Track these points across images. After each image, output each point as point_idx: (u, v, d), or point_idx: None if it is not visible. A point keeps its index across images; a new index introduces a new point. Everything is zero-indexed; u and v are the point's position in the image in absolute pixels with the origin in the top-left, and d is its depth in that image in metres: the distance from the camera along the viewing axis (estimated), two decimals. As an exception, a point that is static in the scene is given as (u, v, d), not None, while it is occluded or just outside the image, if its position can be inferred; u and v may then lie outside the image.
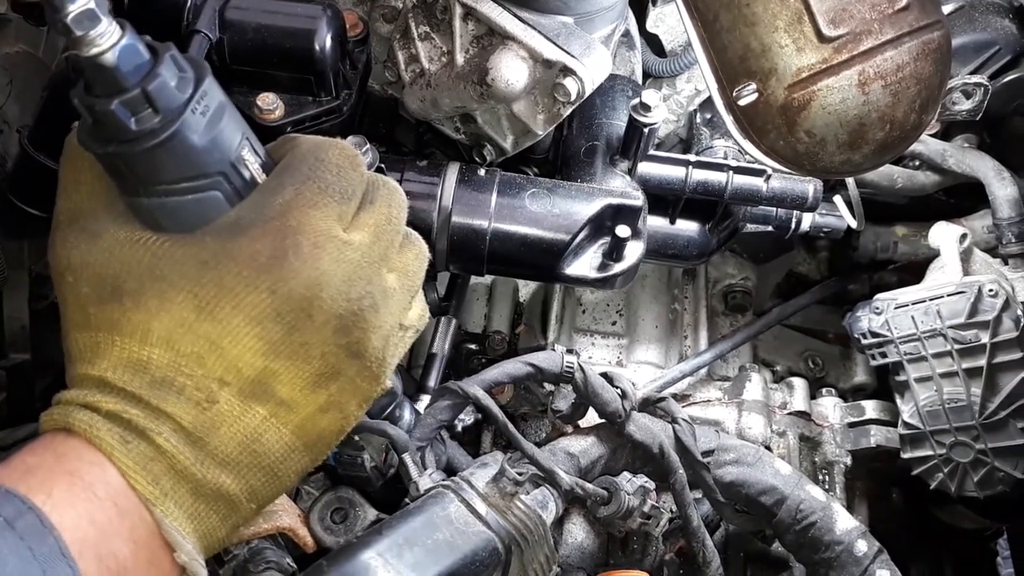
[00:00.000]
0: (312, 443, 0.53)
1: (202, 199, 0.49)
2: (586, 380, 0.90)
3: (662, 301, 1.24)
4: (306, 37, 0.80)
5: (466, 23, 0.85)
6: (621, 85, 1.02)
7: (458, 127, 0.96)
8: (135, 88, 0.45)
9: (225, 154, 0.49)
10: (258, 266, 0.49)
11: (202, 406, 0.49)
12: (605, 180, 0.95)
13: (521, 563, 0.77)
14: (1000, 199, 1.07)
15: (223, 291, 0.49)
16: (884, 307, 1.08)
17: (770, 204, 0.99)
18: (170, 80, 0.46)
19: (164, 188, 0.48)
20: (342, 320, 0.52)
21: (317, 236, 0.51)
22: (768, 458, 0.96)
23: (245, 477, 0.50)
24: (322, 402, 0.52)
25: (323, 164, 0.54)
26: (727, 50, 0.75)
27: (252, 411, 0.50)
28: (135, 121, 0.45)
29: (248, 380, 0.50)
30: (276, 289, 0.49)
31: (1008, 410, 1.03)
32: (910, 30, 0.72)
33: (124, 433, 0.47)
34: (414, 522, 0.72)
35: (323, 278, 0.51)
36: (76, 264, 0.50)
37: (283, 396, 0.51)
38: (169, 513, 0.48)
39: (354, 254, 0.53)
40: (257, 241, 0.50)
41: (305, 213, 0.51)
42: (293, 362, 0.51)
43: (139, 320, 0.49)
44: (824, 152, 0.76)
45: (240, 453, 0.50)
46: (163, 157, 0.47)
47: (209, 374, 0.49)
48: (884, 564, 0.89)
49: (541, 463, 0.84)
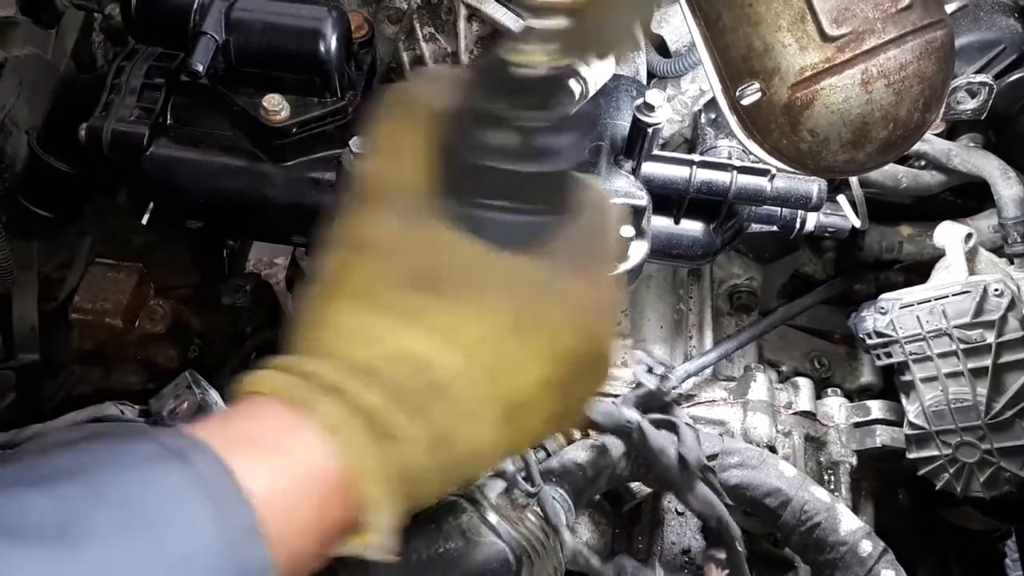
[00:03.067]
0: (501, 460, 0.54)
1: (544, 222, 0.48)
2: (644, 442, 0.86)
3: (667, 301, 1.24)
4: (311, 39, 0.81)
5: (470, 24, 0.86)
6: (625, 85, 1.02)
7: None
8: (565, 107, 0.45)
9: (574, 179, 0.50)
10: (580, 309, 0.49)
11: (466, 417, 0.46)
12: (609, 180, 0.95)
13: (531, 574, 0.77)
14: (1006, 198, 1.07)
15: (544, 320, 0.48)
16: (889, 307, 1.07)
17: (774, 204, 0.99)
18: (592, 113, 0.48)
19: (517, 206, 0.47)
20: (605, 374, 0.52)
21: (614, 299, 0.53)
22: (772, 460, 0.96)
23: (451, 481, 0.49)
24: (544, 434, 0.54)
25: (610, 217, 0.54)
26: (730, 50, 0.76)
27: (500, 431, 0.48)
28: (555, 143, 0.45)
29: (516, 405, 0.48)
30: (590, 338, 0.49)
31: (1014, 410, 1.03)
32: (913, 29, 0.72)
33: (373, 435, 0.43)
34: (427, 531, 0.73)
35: (612, 335, 0.52)
36: (386, 241, 0.47)
37: (528, 424, 0.49)
38: (381, 517, 0.44)
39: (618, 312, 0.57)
40: (580, 284, 0.49)
41: (608, 266, 0.52)
42: (556, 402, 0.50)
43: (446, 320, 0.46)
44: (827, 151, 0.76)
45: (463, 464, 0.48)
46: (548, 183, 0.47)
47: (491, 391, 0.46)
48: (889, 564, 0.88)
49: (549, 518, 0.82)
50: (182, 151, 0.86)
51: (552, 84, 0.44)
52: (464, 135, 0.46)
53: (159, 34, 0.84)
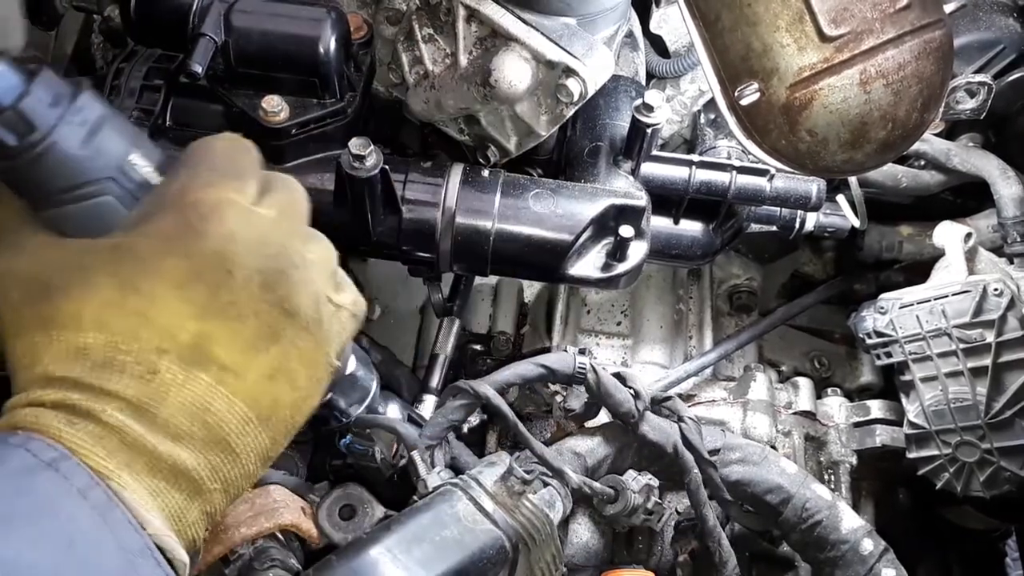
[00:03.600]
0: (266, 415, 0.53)
1: (98, 204, 0.53)
2: (599, 381, 0.90)
3: (667, 301, 1.24)
4: (310, 40, 0.81)
5: (469, 25, 0.86)
6: (624, 86, 1.02)
7: (462, 128, 0.96)
8: (9, 108, 0.49)
9: (110, 160, 0.53)
10: (168, 236, 0.52)
11: (145, 379, 0.49)
12: (609, 181, 0.95)
13: (528, 561, 0.77)
14: (1005, 198, 1.07)
15: (140, 265, 0.51)
16: (889, 307, 1.08)
17: (774, 204, 0.99)
18: (44, 98, 0.50)
19: (59, 198, 0.52)
20: (264, 275, 0.53)
21: (218, 203, 0.53)
22: (774, 457, 0.96)
23: (202, 451, 0.50)
24: (266, 367, 0.53)
25: (211, 151, 0.57)
26: (729, 50, 0.76)
27: (196, 378, 0.50)
28: (15, 138, 0.49)
29: (186, 345, 0.50)
30: (190, 252, 0.51)
31: (1014, 409, 1.03)
32: (911, 29, 0.72)
33: (70, 417, 0.48)
34: (422, 519, 0.73)
35: (235, 235, 0.52)
36: (3, 272, 0.52)
37: (224, 360, 0.51)
38: (127, 486, 0.47)
39: (261, 221, 0.54)
40: (162, 220, 0.52)
41: (201, 190, 0.53)
42: (226, 322, 0.51)
43: (70, 310, 0.50)
44: (826, 151, 0.76)
45: (191, 424, 0.50)
46: (47, 168, 0.51)
47: (146, 346, 0.49)
48: (890, 563, 0.89)
49: (550, 462, 0.85)
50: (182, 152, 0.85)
51: None
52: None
53: (158, 36, 0.84)
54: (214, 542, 0.70)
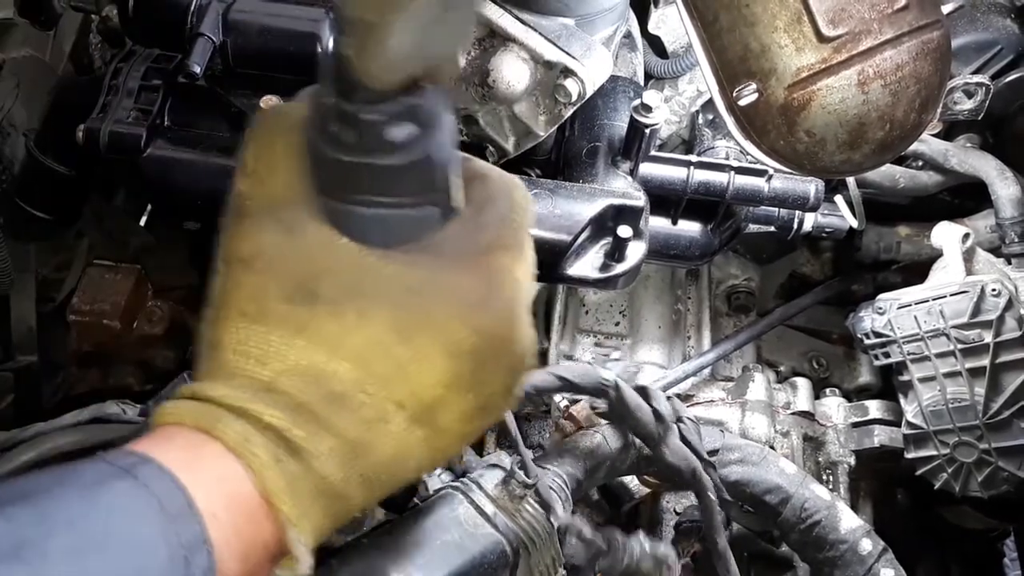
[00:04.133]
0: (440, 454, 0.52)
1: (421, 216, 0.48)
2: (621, 398, 0.88)
3: (665, 302, 1.24)
4: (309, 40, 0.81)
5: (468, 25, 0.86)
6: (623, 86, 1.02)
7: (461, 129, 0.96)
8: (399, 98, 0.43)
9: (448, 173, 0.48)
10: (467, 302, 0.49)
11: (372, 425, 0.46)
12: (607, 181, 0.95)
13: (528, 565, 0.77)
14: (1003, 199, 1.07)
15: (427, 319, 0.48)
16: (887, 307, 1.08)
17: (772, 204, 0.99)
18: (436, 98, 0.45)
19: (391, 201, 0.47)
20: (518, 362, 0.51)
21: (515, 281, 0.51)
22: (773, 457, 0.96)
23: (375, 492, 0.48)
24: (468, 432, 0.52)
25: (515, 205, 0.53)
26: (727, 51, 0.76)
27: (413, 434, 0.48)
28: (395, 134, 0.44)
29: (424, 406, 0.48)
30: (480, 329, 0.49)
31: (1012, 410, 1.03)
32: (909, 30, 0.72)
33: (277, 452, 0.44)
34: (423, 523, 0.73)
35: (518, 323, 0.50)
36: (267, 254, 0.47)
37: (444, 424, 0.49)
38: (304, 531, 0.44)
39: (527, 308, 0.52)
40: (464, 277, 0.49)
41: (505, 255, 0.51)
42: (466, 396, 0.49)
43: (331, 330, 0.46)
44: (824, 152, 0.76)
45: (384, 472, 0.48)
46: (408, 173, 0.46)
47: (391, 396, 0.47)
48: (889, 563, 0.88)
49: (542, 495, 0.82)
50: (180, 152, 0.85)
51: None
52: (318, 133, 0.46)
53: (156, 36, 0.84)
54: None
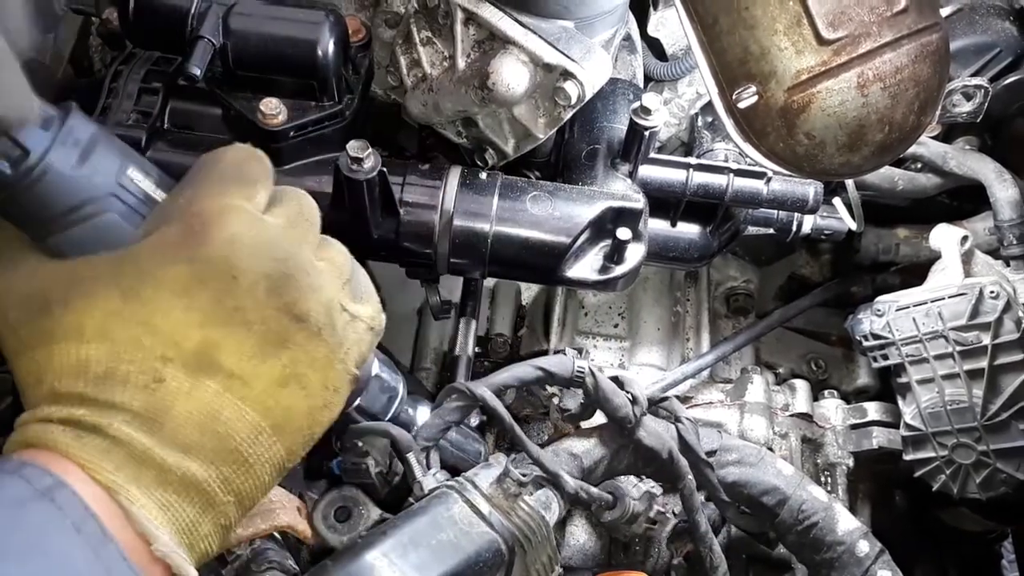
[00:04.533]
0: (280, 424, 0.52)
1: (101, 222, 0.52)
2: (596, 385, 0.90)
3: (664, 304, 1.24)
4: (309, 43, 0.81)
5: (467, 28, 0.86)
6: (622, 89, 1.02)
7: (460, 131, 0.96)
8: (1, 135, 0.48)
9: (108, 177, 0.52)
10: (170, 244, 0.51)
11: (150, 388, 0.48)
12: (606, 183, 0.95)
13: (524, 564, 0.77)
14: (1001, 201, 1.07)
15: (143, 273, 0.50)
16: (885, 309, 1.08)
17: (771, 207, 1.00)
18: (34, 123, 0.49)
19: (61, 221, 0.52)
20: (270, 280, 0.51)
21: (223, 209, 0.52)
22: (770, 459, 0.96)
23: (213, 463, 0.49)
24: (277, 374, 0.51)
25: (219, 162, 0.56)
26: (726, 53, 0.76)
27: (203, 385, 0.49)
28: (9, 166, 0.49)
29: (191, 353, 0.49)
30: (192, 258, 0.50)
31: (1010, 411, 1.03)
32: (908, 32, 0.73)
33: (77, 432, 0.47)
34: (418, 522, 0.73)
35: (239, 240, 0.51)
36: (1, 293, 0.51)
37: (231, 367, 0.50)
38: (136, 500, 0.46)
39: (268, 227, 0.53)
40: (165, 230, 0.51)
41: (207, 199, 0.52)
42: (231, 329, 0.50)
43: (71, 322, 0.49)
44: (824, 154, 0.76)
45: (201, 434, 0.49)
46: (46, 192, 0.50)
47: (149, 354, 0.48)
48: (886, 565, 0.89)
49: (546, 466, 0.85)
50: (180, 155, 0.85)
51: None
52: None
53: (156, 39, 0.84)
54: None
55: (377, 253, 0.92)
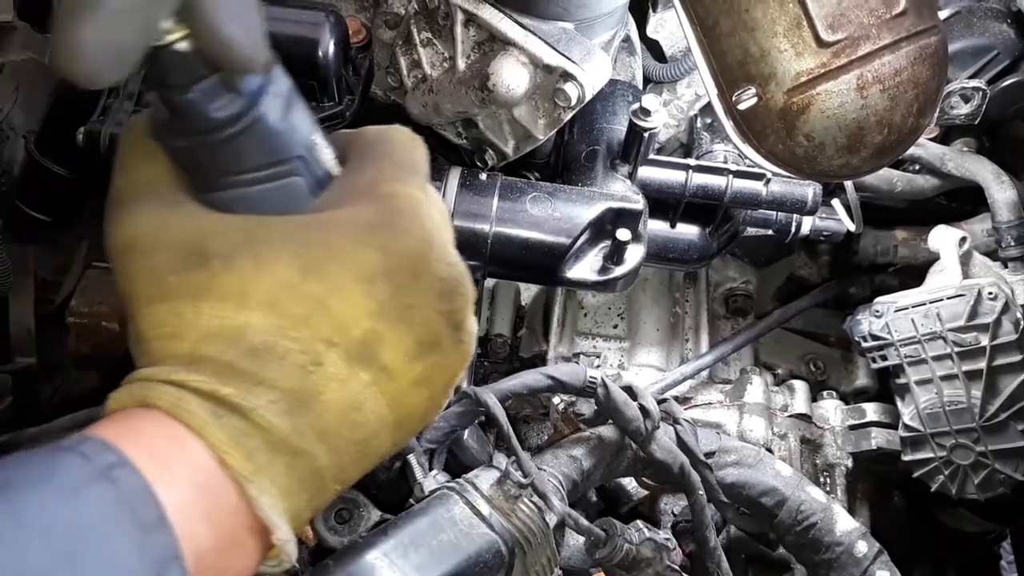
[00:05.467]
0: (401, 421, 0.51)
1: (285, 185, 0.48)
2: (608, 396, 0.89)
3: (663, 304, 1.25)
4: (309, 44, 0.82)
5: (467, 29, 0.86)
6: (622, 90, 1.03)
7: (460, 132, 0.97)
8: (212, 74, 0.44)
9: (302, 137, 0.48)
10: (368, 226, 0.48)
11: (307, 370, 0.45)
12: (606, 184, 0.95)
13: (524, 565, 0.77)
14: (999, 203, 1.08)
15: (331, 250, 0.47)
16: (884, 310, 1.08)
17: (770, 208, 1.00)
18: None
19: (248, 177, 0.47)
20: (445, 284, 0.51)
21: (416, 203, 0.51)
22: (769, 460, 0.96)
23: (338, 451, 0.47)
24: (418, 374, 0.50)
25: (394, 144, 0.54)
26: (726, 55, 0.76)
27: (356, 376, 0.47)
28: (216, 108, 0.44)
29: (356, 341, 0.47)
30: (387, 247, 0.48)
31: (1008, 412, 1.04)
32: (907, 35, 0.73)
33: (216, 409, 0.43)
34: (419, 523, 0.73)
35: (430, 238, 0.50)
36: (149, 233, 0.47)
37: (386, 362, 0.48)
38: (265, 490, 0.44)
39: (446, 228, 0.53)
40: (360, 209, 0.49)
41: (392, 185, 0.51)
42: (398, 325, 0.49)
43: (232, 284, 0.45)
44: (823, 156, 0.77)
45: (339, 423, 0.47)
46: (247, 143, 0.46)
47: (316, 335, 0.46)
48: (884, 565, 0.89)
49: (537, 487, 0.83)
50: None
51: (190, 56, 0.43)
52: (159, 128, 0.47)
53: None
54: None
55: (377, 254, 0.92)
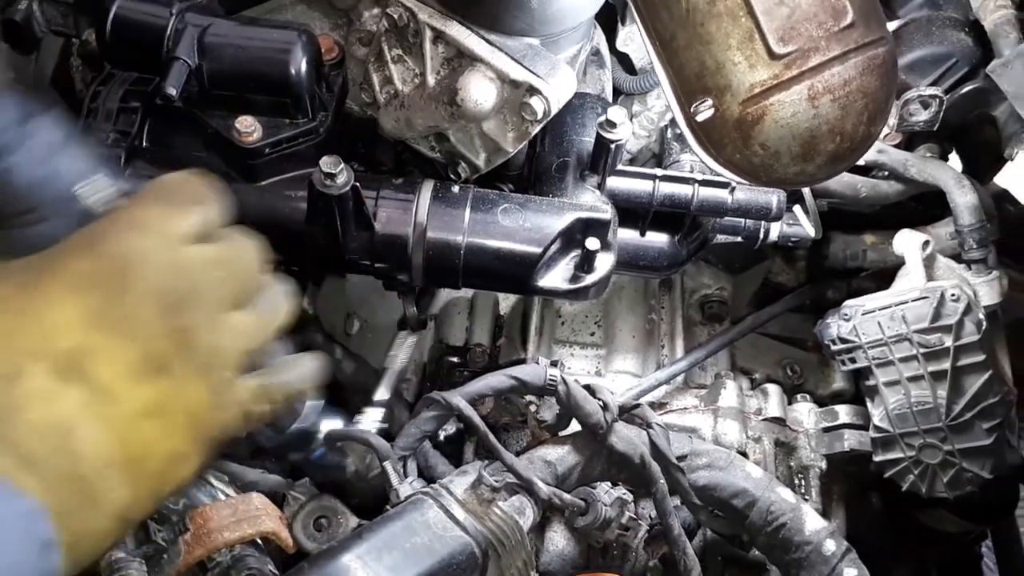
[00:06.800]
0: (134, 460, 0.46)
1: (43, 230, 0.53)
2: (568, 392, 0.92)
3: (639, 312, 1.27)
4: (282, 62, 0.84)
5: (436, 46, 0.89)
6: (591, 103, 1.05)
7: (433, 146, 0.99)
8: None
9: (63, 187, 0.53)
10: (80, 241, 0.49)
11: (8, 380, 0.43)
12: (576, 195, 0.98)
13: (499, 567, 0.79)
14: (961, 206, 1.10)
15: (46, 264, 0.48)
16: (852, 313, 1.10)
17: (736, 215, 1.02)
18: (5, 116, 0.50)
19: (11, 221, 0.52)
20: (165, 298, 0.49)
21: (141, 220, 0.51)
22: (739, 462, 0.99)
23: (53, 488, 0.42)
24: (147, 400, 0.47)
25: (162, 183, 0.55)
26: (684, 68, 0.79)
27: (65, 394, 0.44)
28: None
29: (63, 354, 0.45)
30: (95, 253, 0.48)
31: (973, 411, 1.06)
32: (855, 46, 0.76)
33: None
34: (393, 526, 0.75)
35: (144, 249, 0.49)
36: None
37: (102, 379, 0.46)
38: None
39: (183, 252, 0.51)
40: (82, 231, 0.50)
41: (132, 211, 0.52)
42: (114, 338, 0.46)
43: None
44: (779, 164, 0.79)
45: (46, 449, 0.43)
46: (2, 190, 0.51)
47: (21, 346, 0.44)
48: (852, 563, 0.91)
49: (520, 473, 0.86)
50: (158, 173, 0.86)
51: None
52: None
53: (133, 59, 0.86)
54: (196, 545, 0.71)
55: (353, 267, 0.94)
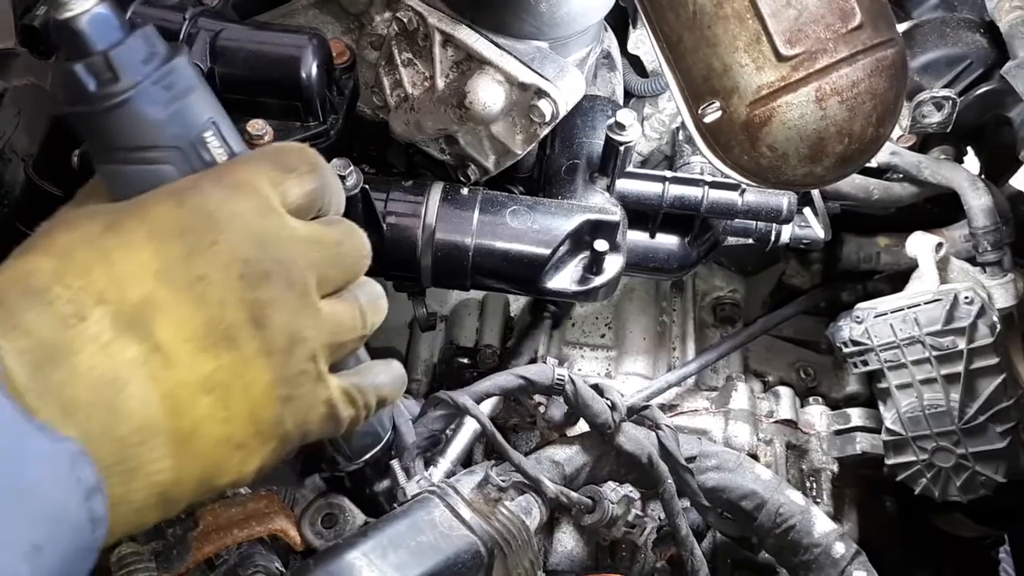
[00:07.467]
0: (181, 438, 0.43)
1: (154, 171, 0.50)
2: (576, 392, 0.93)
3: (650, 314, 1.27)
4: (293, 66, 0.85)
5: (445, 49, 0.89)
6: (601, 105, 1.05)
7: (443, 148, 1.00)
8: (99, 53, 0.47)
9: (185, 132, 0.50)
10: (174, 190, 0.47)
11: (68, 322, 0.41)
12: (585, 197, 0.98)
13: (505, 567, 0.79)
14: (975, 209, 1.09)
15: (135, 208, 0.46)
16: (864, 316, 1.10)
17: (746, 217, 1.02)
18: (136, 52, 0.48)
19: (121, 155, 0.49)
20: (249, 267, 0.45)
21: (243, 179, 0.48)
22: (749, 464, 0.98)
23: (92, 441, 0.40)
24: (205, 373, 0.43)
25: (279, 146, 0.53)
26: (691, 70, 0.79)
27: (122, 346, 0.42)
28: (96, 84, 0.47)
29: (129, 304, 0.42)
30: (183, 203, 0.46)
31: (987, 415, 1.05)
32: (864, 48, 0.76)
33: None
34: (399, 525, 0.75)
35: (235, 208, 0.46)
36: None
37: (162, 339, 0.43)
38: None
39: (282, 223, 0.47)
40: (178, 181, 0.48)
41: (235, 168, 0.49)
42: (184, 297, 0.43)
43: (48, 240, 0.45)
44: (787, 165, 0.79)
45: (90, 398, 0.40)
46: (118, 122, 0.49)
47: (89, 286, 0.42)
48: (861, 566, 0.90)
49: (527, 471, 0.87)
50: (171, 175, 0.89)
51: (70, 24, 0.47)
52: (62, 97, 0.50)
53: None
54: (205, 541, 0.72)
55: (363, 267, 0.95)
